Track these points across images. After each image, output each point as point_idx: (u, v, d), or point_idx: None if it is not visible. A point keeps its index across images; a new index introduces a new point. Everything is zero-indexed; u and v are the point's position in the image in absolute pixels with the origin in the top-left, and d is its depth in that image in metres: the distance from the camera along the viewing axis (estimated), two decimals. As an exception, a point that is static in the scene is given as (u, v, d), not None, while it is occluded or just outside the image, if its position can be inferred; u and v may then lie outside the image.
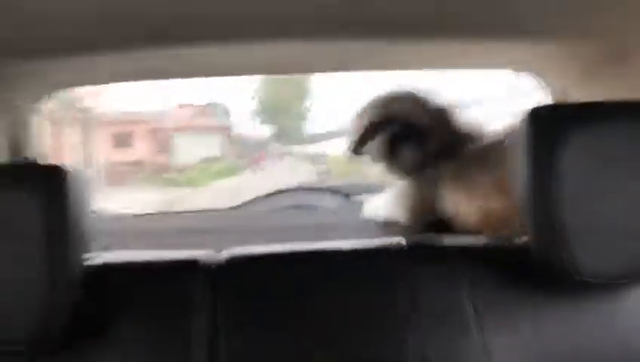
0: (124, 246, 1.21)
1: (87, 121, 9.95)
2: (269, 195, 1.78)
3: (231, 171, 12.04)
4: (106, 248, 1.06)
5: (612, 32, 1.04)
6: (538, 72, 1.40)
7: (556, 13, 0.94)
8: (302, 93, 19.02)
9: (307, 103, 19.48)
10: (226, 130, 13.71)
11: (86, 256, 0.86)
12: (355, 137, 1.34)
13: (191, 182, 8.96)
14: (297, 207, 1.71)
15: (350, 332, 0.89)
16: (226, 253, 0.97)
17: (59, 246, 0.74)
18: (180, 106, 12.94)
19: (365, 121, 1.33)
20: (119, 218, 1.71)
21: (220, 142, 13.52)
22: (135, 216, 1.79)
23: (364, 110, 1.36)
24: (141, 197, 7.84)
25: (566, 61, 1.26)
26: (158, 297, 0.89)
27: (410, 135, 1.24)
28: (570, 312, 0.89)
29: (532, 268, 0.87)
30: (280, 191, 1.81)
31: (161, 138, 11.75)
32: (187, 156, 11.26)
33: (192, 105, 12.99)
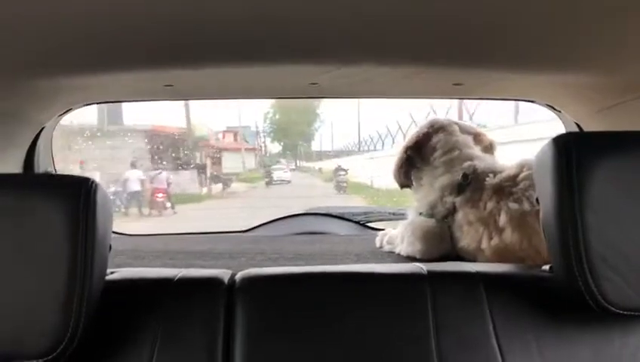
0: (140, 265, 1.17)
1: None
2: (280, 219, 1.69)
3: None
4: (119, 266, 1.00)
5: (629, 66, 0.96)
6: (554, 103, 1.31)
7: (575, 47, 0.88)
8: (311, 116, 19.90)
9: (315, 125, 20.36)
10: (256, 150, 18.97)
11: (107, 270, 0.81)
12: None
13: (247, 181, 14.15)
14: (309, 233, 1.63)
15: (367, 352, 0.83)
16: (243, 273, 0.92)
17: (84, 256, 0.69)
18: (224, 132, 17.11)
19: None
20: (135, 238, 1.65)
21: (254, 158, 18.44)
22: (151, 236, 1.75)
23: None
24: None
25: (582, 93, 1.16)
26: (178, 312, 0.85)
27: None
28: (594, 342, 0.81)
29: (555, 295, 0.80)
30: (292, 216, 1.71)
31: (214, 154, 15.08)
32: (232, 167, 15.32)
33: (233, 131, 17.29)
